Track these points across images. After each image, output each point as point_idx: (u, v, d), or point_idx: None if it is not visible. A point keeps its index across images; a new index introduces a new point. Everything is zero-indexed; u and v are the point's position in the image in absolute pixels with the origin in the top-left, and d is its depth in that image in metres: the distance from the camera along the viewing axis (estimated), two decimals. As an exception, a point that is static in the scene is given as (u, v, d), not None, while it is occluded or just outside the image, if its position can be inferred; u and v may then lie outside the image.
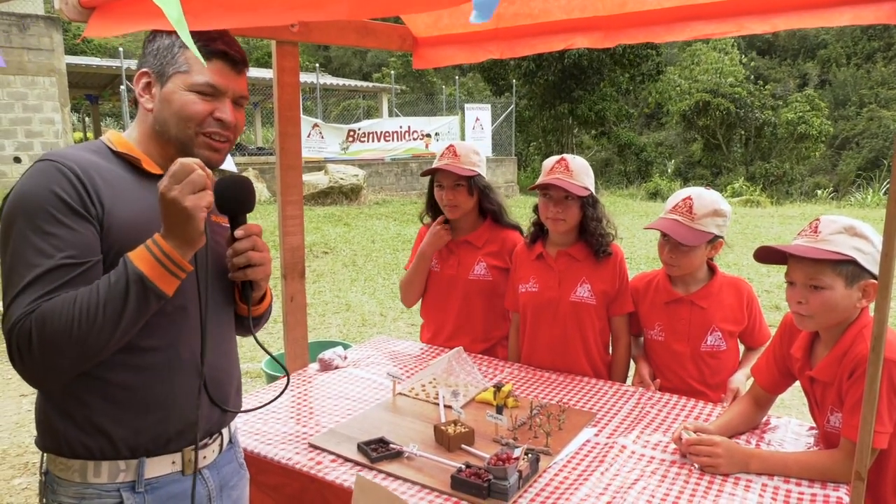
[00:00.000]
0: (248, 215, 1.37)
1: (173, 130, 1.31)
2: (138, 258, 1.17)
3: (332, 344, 3.15)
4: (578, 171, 2.31)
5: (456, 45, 2.50)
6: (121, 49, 13.39)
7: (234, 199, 1.33)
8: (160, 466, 1.29)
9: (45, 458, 1.31)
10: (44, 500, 1.31)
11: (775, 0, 1.91)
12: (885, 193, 18.04)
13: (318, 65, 18.36)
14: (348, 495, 1.65)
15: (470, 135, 17.28)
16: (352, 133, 15.52)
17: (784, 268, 1.80)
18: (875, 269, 1.66)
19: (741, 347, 2.37)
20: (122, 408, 1.24)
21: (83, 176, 1.20)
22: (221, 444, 1.44)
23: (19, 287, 1.15)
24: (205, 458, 1.37)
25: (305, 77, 17.65)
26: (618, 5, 2.15)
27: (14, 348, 1.14)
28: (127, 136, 1.36)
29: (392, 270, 8.38)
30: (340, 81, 20.81)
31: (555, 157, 2.37)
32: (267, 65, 27.38)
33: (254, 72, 18.32)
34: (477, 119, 17.38)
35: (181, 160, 1.18)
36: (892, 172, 1.36)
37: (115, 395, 1.24)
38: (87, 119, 25.68)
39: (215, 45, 1.31)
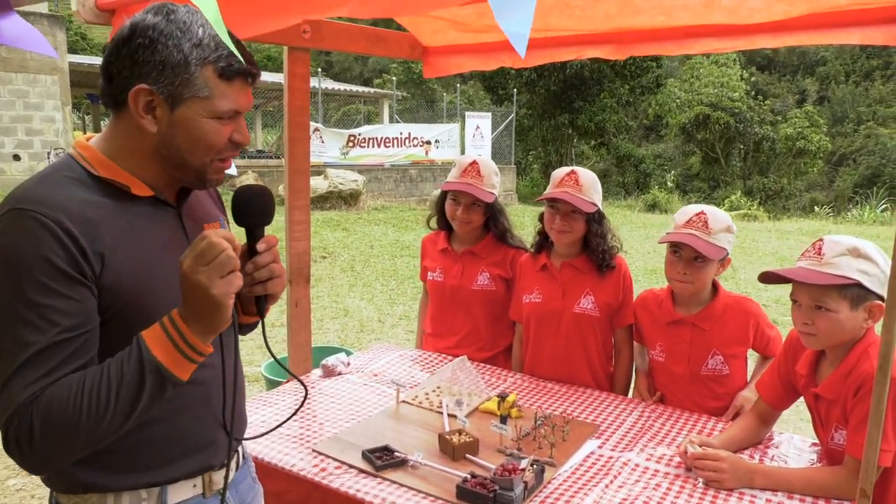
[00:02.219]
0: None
1: (188, 157, 1.17)
2: (154, 341, 1.05)
3: (334, 349, 3.15)
4: (587, 185, 2.31)
5: (466, 54, 2.51)
6: (123, 49, 13.37)
7: (256, 210, 1.25)
8: (182, 491, 1.24)
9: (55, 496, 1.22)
10: None
11: (786, 20, 1.93)
12: (882, 210, 18.15)
13: (319, 69, 18.41)
14: (353, 503, 1.65)
15: (470, 143, 17.33)
16: (352, 138, 15.55)
17: (784, 285, 1.80)
18: (880, 290, 1.66)
19: (749, 369, 2.33)
20: (143, 445, 1.17)
21: (75, 230, 1.05)
22: (238, 462, 1.40)
23: (12, 369, 1.01)
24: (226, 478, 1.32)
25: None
26: (630, 19, 2.16)
27: (12, 441, 1.02)
28: (103, 151, 1.17)
29: (390, 276, 8.38)
30: (342, 86, 20.87)
31: (565, 169, 2.37)
32: (266, 68, 27.48)
33: (255, 75, 18.35)
34: (477, 127, 17.43)
35: (209, 236, 1.04)
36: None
37: (135, 432, 1.14)
38: (86, 118, 25.66)
39: (237, 65, 1.16)
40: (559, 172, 2.38)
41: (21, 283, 1.02)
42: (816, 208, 20.06)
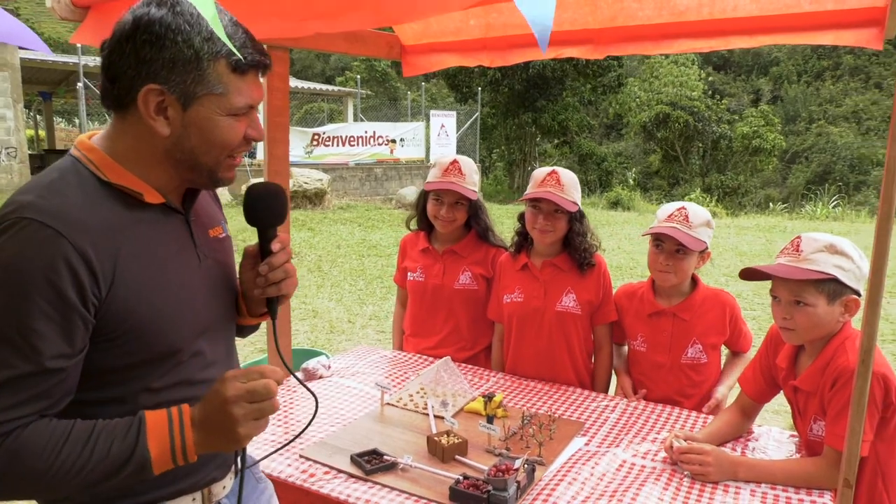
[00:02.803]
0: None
1: (202, 158, 1.10)
2: (154, 432, 1.01)
3: (310, 352, 3.11)
4: (569, 184, 2.33)
5: (445, 52, 2.50)
6: (78, 45, 12.98)
7: (270, 210, 1.21)
8: None
9: None
10: None
11: (763, 21, 1.97)
12: (834, 207, 18.77)
13: (282, 67, 18.13)
14: (344, 508, 1.63)
15: (435, 141, 17.31)
16: (316, 137, 15.39)
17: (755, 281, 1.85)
18: (856, 285, 1.72)
19: (723, 360, 2.41)
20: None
21: (90, 251, 0.99)
22: (236, 470, 1.34)
23: None
24: (224, 487, 1.29)
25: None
26: (608, 18, 2.18)
27: None
28: (110, 154, 1.09)
29: (358, 276, 8.32)
30: (304, 84, 20.60)
31: (545, 169, 2.38)
32: (228, 65, 26.93)
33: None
34: (442, 126, 17.43)
35: (269, 377, 1.04)
36: (882, 193, 1.41)
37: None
38: (38, 117, 24.84)
39: (251, 56, 1.09)
40: (540, 172, 2.39)
41: (17, 301, 0.95)
42: (772, 205, 20.63)
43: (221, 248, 1.28)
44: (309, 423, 1.33)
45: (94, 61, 14.12)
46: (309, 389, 1.27)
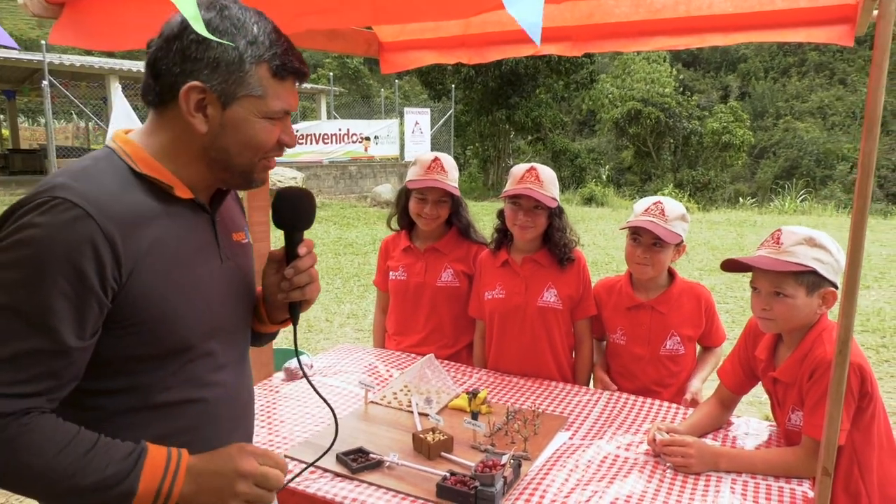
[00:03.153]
0: None
1: (237, 159, 1.13)
2: (149, 471, 1.01)
3: (290, 352, 3.08)
4: (548, 180, 2.35)
5: (424, 49, 2.50)
6: (43, 42, 12.69)
7: (299, 213, 1.23)
8: None
9: None
10: None
11: (737, 18, 2.00)
12: (801, 201, 19.16)
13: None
14: (331, 507, 1.63)
15: (410, 138, 17.28)
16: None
17: (730, 272, 1.89)
18: (833, 278, 1.76)
19: (698, 350, 2.46)
20: None
21: (116, 236, 0.99)
22: None
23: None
24: None
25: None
26: (586, 16, 2.20)
27: None
28: (147, 149, 1.11)
29: (335, 275, 8.27)
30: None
31: (524, 166, 2.39)
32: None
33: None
34: (416, 123, 17.40)
35: (282, 469, 1.11)
36: (857, 187, 1.44)
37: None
38: (1, 116, 24.21)
39: (291, 63, 1.12)
40: (519, 169, 2.40)
41: (38, 277, 0.95)
42: (741, 199, 20.99)
43: (243, 253, 1.29)
44: (330, 446, 1.39)
45: (60, 59, 13.82)
46: (330, 407, 1.32)
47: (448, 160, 2.55)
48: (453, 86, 20.51)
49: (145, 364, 1.09)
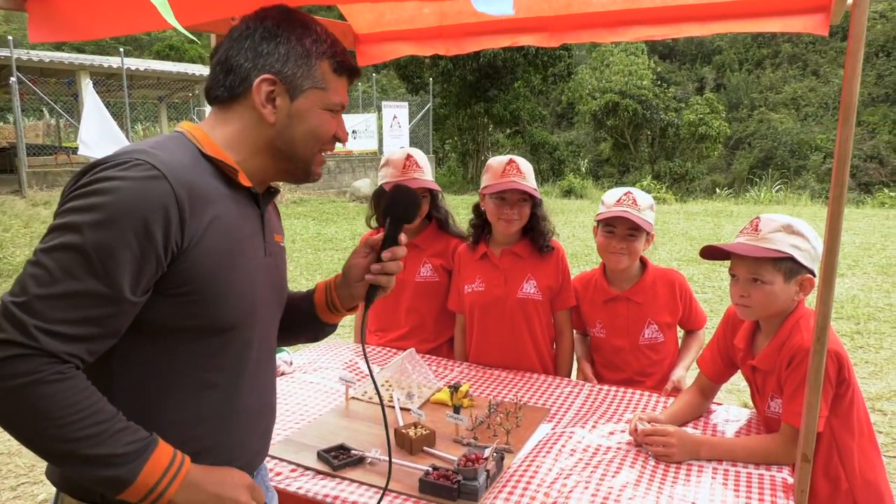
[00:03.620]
0: None
1: (301, 149, 1.21)
2: (151, 467, 1.02)
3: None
4: (528, 172, 2.35)
5: (400, 41, 2.47)
6: (10, 38, 12.40)
7: (409, 207, 1.39)
8: None
9: (60, 501, 1.15)
10: None
11: (714, 7, 2.00)
12: (777, 191, 19.42)
13: (228, 59, 17.68)
14: (313, 505, 1.61)
15: (388, 132, 17.19)
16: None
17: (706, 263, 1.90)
18: (810, 265, 1.78)
19: (679, 337, 2.48)
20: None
21: (186, 203, 1.04)
22: (253, 474, 1.34)
23: (47, 292, 0.95)
24: None
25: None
26: (563, 6, 2.19)
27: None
28: (214, 138, 1.17)
29: (314, 270, 8.21)
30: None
31: (501, 159, 2.37)
32: (168, 57, 26.14)
33: (156, 65, 17.48)
34: (395, 117, 17.31)
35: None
36: (834, 176, 1.45)
37: (170, 442, 1.09)
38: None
39: (349, 61, 1.23)
40: (498, 163, 2.37)
41: (108, 225, 0.98)
42: (718, 190, 21.22)
43: (279, 254, 1.35)
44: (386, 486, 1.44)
45: (28, 54, 13.51)
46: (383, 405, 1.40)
47: (420, 155, 2.54)
48: (431, 79, 20.44)
49: (185, 336, 1.11)
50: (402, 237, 1.35)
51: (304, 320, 1.47)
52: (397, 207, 1.36)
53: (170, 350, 1.10)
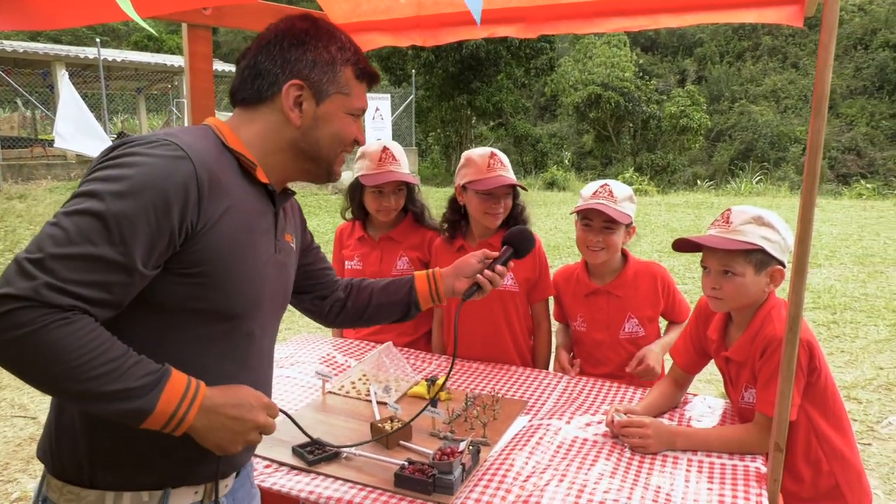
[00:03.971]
0: None
1: (324, 151, 1.29)
2: (168, 395, 1.05)
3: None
4: (508, 163, 2.36)
5: (377, 31, 2.44)
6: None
7: (522, 248, 1.72)
8: (184, 497, 1.20)
9: (45, 484, 1.18)
10: None
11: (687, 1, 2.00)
12: (757, 182, 19.61)
13: (208, 50, 17.46)
14: (287, 501, 1.59)
15: (370, 125, 17.08)
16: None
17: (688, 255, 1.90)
18: (781, 256, 1.79)
19: (663, 329, 2.47)
20: (160, 437, 1.10)
21: (206, 185, 1.09)
22: (239, 470, 1.36)
23: (62, 252, 0.97)
24: (226, 486, 1.30)
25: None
26: (539, -3, 2.17)
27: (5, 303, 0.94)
28: (238, 134, 1.23)
29: (296, 264, 8.15)
30: (232, 68, 19.91)
31: (483, 153, 2.35)
32: (146, 48, 25.73)
33: (134, 55, 17.21)
34: (377, 109, 17.19)
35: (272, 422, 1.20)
36: (806, 167, 1.46)
37: (159, 434, 1.10)
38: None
39: (371, 68, 1.31)
40: (480, 158, 2.35)
41: (131, 196, 1.01)
42: (699, 182, 21.36)
43: (287, 253, 1.38)
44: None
45: (1, 45, 13.23)
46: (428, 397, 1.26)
47: (396, 147, 2.52)
48: (413, 71, 20.35)
49: (191, 318, 1.14)
50: (511, 265, 1.69)
51: (400, 305, 1.68)
52: (516, 242, 1.70)
53: (175, 330, 1.13)
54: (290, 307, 1.53)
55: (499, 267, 1.64)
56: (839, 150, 26.57)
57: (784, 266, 1.79)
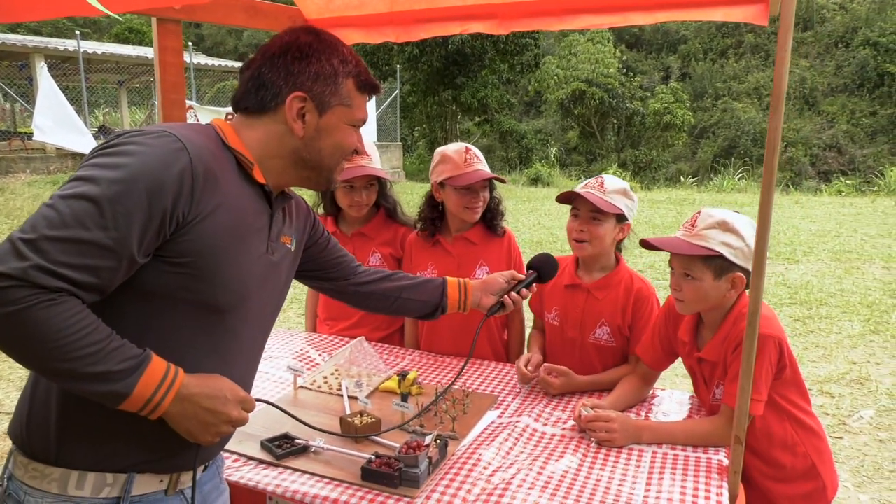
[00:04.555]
0: None
1: (326, 161, 1.32)
2: (146, 381, 1.08)
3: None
4: (482, 156, 2.37)
5: (350, 27, 2.44)
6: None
7: (547, 274, 1.89)
8: (148, 484, 1.22)
9: (12, 461, 1.20)
10: None
11: (657, -3, 2.02)
12: (739, 179, 19.79)
13: (190, 43, 17.33)
14: (254, 495, 1.60)
15: (355, 120, 17.03)
16: (230, 116, 14.80)
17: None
18: (743, 263, 1.78)
19: None
20: (132, 420, 1.12)
21: (201, 177, 1.12)
22: (208, 463, 1.37)
23: (55, 235, 0.99)
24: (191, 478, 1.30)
25: (177, 56, 16.59)
26: (512, -6, 2.18)
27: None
28: (239, 136, 1.27)
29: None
30: (215, 62, 19.75)
31: (458, 148, 2.36)
32: (128, 41, 25.45)
33: (115, 48, 17.02)
34: (361, 104, 17.15)
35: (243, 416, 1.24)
36: (765, 163, 1.48)
37: (131, 415, 1.12)
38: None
39: (372, 80, 1.34)
40: (456, 153, 2.35)
41: (130, 183, 1.04)
42: (682, 178, 21.54)
43: (285, 256, 1.41)
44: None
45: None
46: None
47: (368, 143, 2.51)
48: (399, 66, 20.29)
49: (175, 307, 1.16)
50: (533, 290, 1.86)
51: (430, 304, 1.78)
52: (542, 268, 1.87)
53: (159, 317, 1.16)
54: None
55: (524, 291, 1.81)
56: (821, 147, 26.87)
57: (747, 272, 1.78)
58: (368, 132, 17.06)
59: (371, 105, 17.29)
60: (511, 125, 24.47)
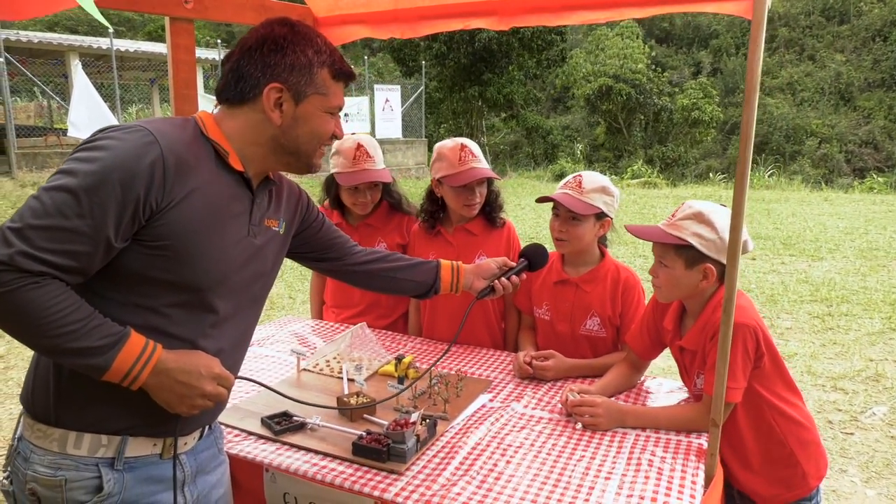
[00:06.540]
0: None
1: (304, 147, 1.39)
2: (124, 355, 1.18)
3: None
4: (479, 152, 2.43)
5: (357, 24, 2.52)
6: (-1, 18, 12.33)
7: (536, 263, 1.99)
8: (141, 447, 1.31)
9: (22, 423, 1.32)
10: (9, 469, 1.32)
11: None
12: (769, 176, 19.46)
13: (219, 41, 17.64)
14: (252, 467, 1.70)
15: (380, 116, 17.18)
16: (217, 107, 15.04)
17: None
18: (715, 255, 1.82)
19: None
20: (120, 387, 1.22)
21: (172, 167, 1.20)
22: (202, 431, 1.46)
23: (37, 223, 1.10)
24: (185, 444, 1.40)
25: (208, 53, 16.91)
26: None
27: None
28: (220, 127, 1.35)
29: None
30: (208, 55, 20.02)
31: (453, 145, 2.41)
32: (161, 38, 25.95)
33: (148, 46, 17.40)
34: (387, 100, 17.29)
35: (227, 390, 1.34)
36: (739, 156, 1.52)
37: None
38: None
39: (346, 68, 1.40)
40: (451, 151, 2.40)
41: (105, 175, 1.13)
42: (711, 175, 21.24)
43: (269, 239, 1.48)
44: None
45: (17, 35, 13.45)
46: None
47: (371, 143, 2.57)
48: (425, 62, 20.38)
49: (154, 287, 1.25)
50: (523, 276, 1.96)
51: (424, 285, 1.88)
52: (532, 257, 1.97)
53: (140, 296, 1.25)
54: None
55: (514, 277, 1.90)
56: (857, 143, 26.26)
57: (718, 265, 1.82)
58: (394, 128, 17.20)
59: (396, 101, 17.49)
60: (537, 121, 24.41)
